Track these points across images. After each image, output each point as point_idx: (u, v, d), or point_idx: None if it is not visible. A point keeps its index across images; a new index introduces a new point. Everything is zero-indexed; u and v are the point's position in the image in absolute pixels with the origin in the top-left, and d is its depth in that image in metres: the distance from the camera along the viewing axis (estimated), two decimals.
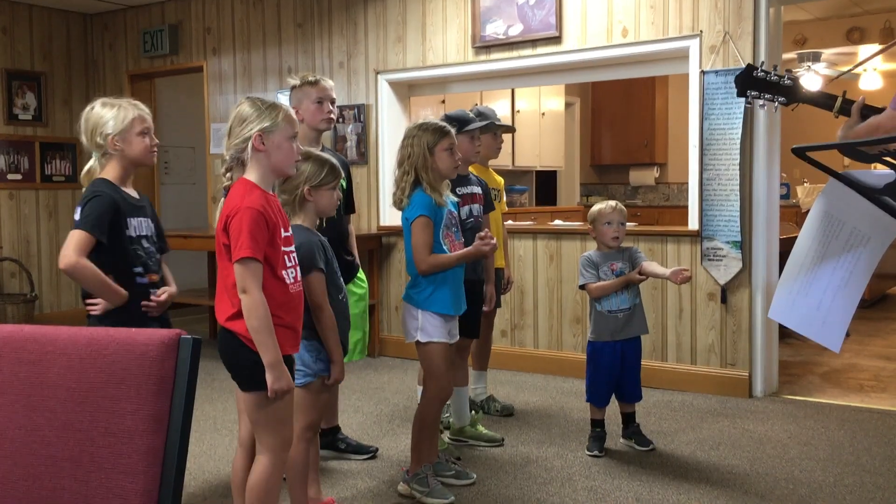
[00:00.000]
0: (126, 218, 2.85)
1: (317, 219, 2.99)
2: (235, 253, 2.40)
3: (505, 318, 5.77)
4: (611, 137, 10.43)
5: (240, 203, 2.42)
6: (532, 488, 3.51)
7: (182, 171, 8.53)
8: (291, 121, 2.55)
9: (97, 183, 2.86)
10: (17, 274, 7.52)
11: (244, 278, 2.39)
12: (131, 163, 2.93)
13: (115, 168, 2.90)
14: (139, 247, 2.89)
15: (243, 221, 2.40)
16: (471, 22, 5.78)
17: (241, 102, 2.56)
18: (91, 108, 2.92)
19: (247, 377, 2.52)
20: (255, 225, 2.40)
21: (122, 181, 2.91)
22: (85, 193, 2.85)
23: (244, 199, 2.43)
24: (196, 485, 3.59)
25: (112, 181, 2.88)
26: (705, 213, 4.96)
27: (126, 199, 2.88)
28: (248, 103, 2.53)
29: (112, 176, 2.89)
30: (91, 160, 2.95)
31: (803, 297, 2.22)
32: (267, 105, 2.53)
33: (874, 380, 5.35)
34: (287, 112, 2.55)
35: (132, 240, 2.87)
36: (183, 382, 1.44)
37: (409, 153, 3.35)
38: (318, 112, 3.72)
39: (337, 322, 2.94)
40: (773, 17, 4.89)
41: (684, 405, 4.77)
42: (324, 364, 2.93)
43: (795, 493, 3.43)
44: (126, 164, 2.91)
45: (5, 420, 1.51)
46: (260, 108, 2.51)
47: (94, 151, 2.91)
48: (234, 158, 2.53)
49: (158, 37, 7.42)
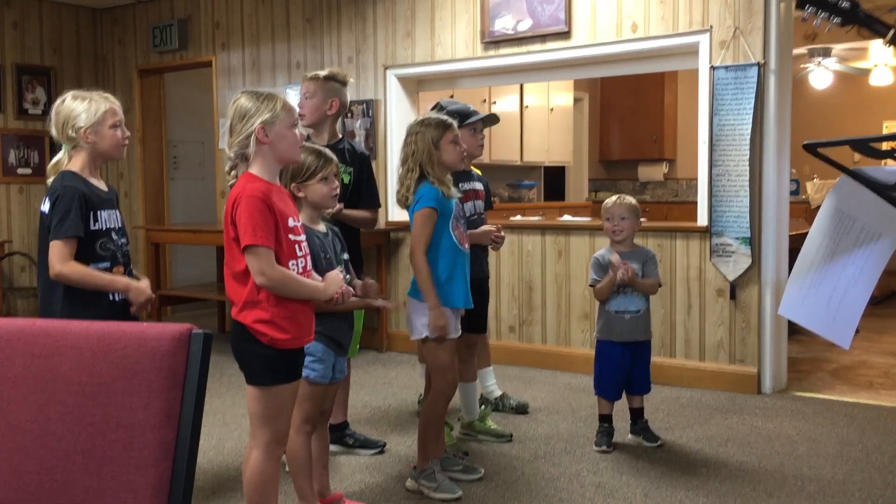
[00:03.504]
0: (96, 211, 2.84)
1: (315, 213, 2.98)
2: (242, 241, 2.42)
3: (513, 314, 5.77)
4: (620, 133, 10.41)
5: (241, 192, 2.44)
6: (540, 483, 3.51)
7: (191, 165, 8.55)
8: (290, 109, 2.55)
9: (65, 176, 2.84)
10: (27, 268, 7.55)
11: (257, 265, 2.41)
12: (101, 155, 2.92)
13: (83, 160, 2.88)
14: (108, 239, 2.88)
15: (244, 210, 2.41)
16: (480, 17, 5.77)
17: (238, 97, 2.55)
18: (62, 100, 2.90)
19: (251, 369, 2.54)
20: (256, 211, 2.41)
21: (91, 173, 2.90)
22: (52, 188, 2.83)
23: (244, 188, 2.45)
24: (205, 479, 3.60)
25: (79, 173, 2.86)
26: (714, 208, 4.95)
27: (94, 192, 2.87)
28: (246, 97, 2.53)
29: (79, 168, 2.87)
30: (60, 153, 2.92)
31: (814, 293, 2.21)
32: (264, 97, 2.52)
33: (884, 376, 5.33)
34: (285, 101, 2.54)
35: (101, 233, 2.86)
36: (194, 377, 1.45)
37: (412, 150, 3.34)
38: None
39: (334, 321, 2.96)
40: (783, 12, 4.86)
41: (693, 401, 4.76)
42: (308, 358, 2.93)
43: (804, 490, 3.42)
44: (95, 157, 2.90)
45: (18, 413, 1.52)
46: (258, 101, 2.50)
47: (65, 144, 2.89)
48: (238, 155, 2.52)
49: (167, 32, 7.44)
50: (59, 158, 2.92)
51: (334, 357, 3.04)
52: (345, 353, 3.14)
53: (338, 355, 3.06)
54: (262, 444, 2.56)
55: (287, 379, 2.57)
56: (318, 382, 2.99)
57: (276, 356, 2.51)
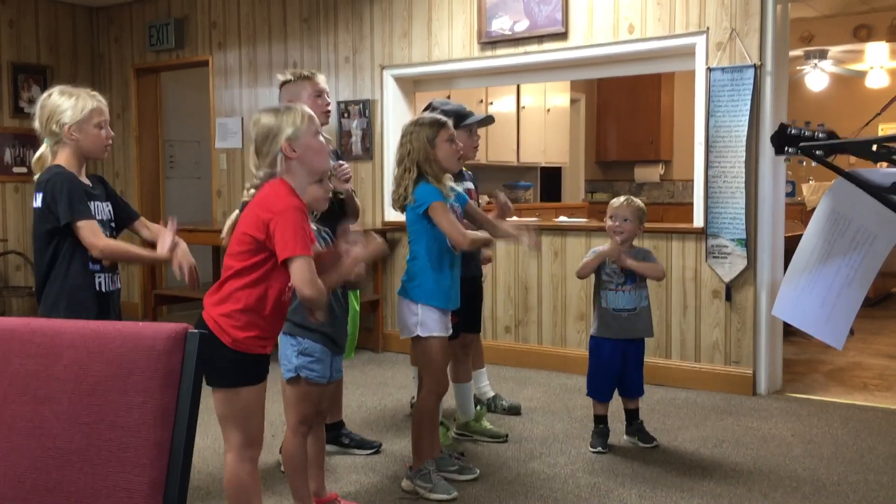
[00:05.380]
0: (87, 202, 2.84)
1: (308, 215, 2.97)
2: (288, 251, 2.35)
3: (509, 315, 5.78)
4: (616, 134, 10.42)
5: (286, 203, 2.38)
6: (535, 484, 3.52)
7: (187, 165, 8.54)
8: (311, 118, 2.52)
9: (52, 168, 2.83)
10: (22, 267, 7.54)
11: (307, 276, 2.35)
12: (83, 154, 2.89)
13: (67, 156, 2.86)
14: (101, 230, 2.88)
15: (291, 220, 2.36)
16: (477, 17, 5.77)
17: (258, 118, 2.52)
18: (48, 95, 2.88)
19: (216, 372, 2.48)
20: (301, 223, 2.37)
21: (75, 170, 2.88)
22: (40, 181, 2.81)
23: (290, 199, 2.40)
24: (200, 478, 3.59)
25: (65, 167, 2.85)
26: (710, 210, 4.96)
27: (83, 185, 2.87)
28: (266, 116, 2.50)
29: (64, 163, 2.86)
30: (42, 147, 2.90)
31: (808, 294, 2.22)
32: (282, 111, 2.50)
33: (878, 378, 5.35)
34: (304, 111, 2.52)
35: None
36: (190, 376, 1.45)
37: (408, 150, 3.33)
38: (315, 106, 3.72)
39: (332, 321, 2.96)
40: (780, 14, 4.87)
41: (688, 402, 4.77)
42: (306, 359, 2.93)
43: (799, 491, 3.43)
44: (78, 155, 2.88)
45: (13, 413, 1.52)
46: (278, 118, 2.48)
47: (48, 139, 2.87)
48: (268, 175, 2.48)
49: (164, 31, 7.43)
50: (43, 153, 2.89)
51: (331, 357, 3.04)
52: (342, 352, 3.14)
53: (334, 354, 3.06)
54: (235, 448, 2.54)
55: (251, 381, 2.51)
56: (317, 382, 2.99)
57: (240, 358, 2.46)
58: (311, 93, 3.70)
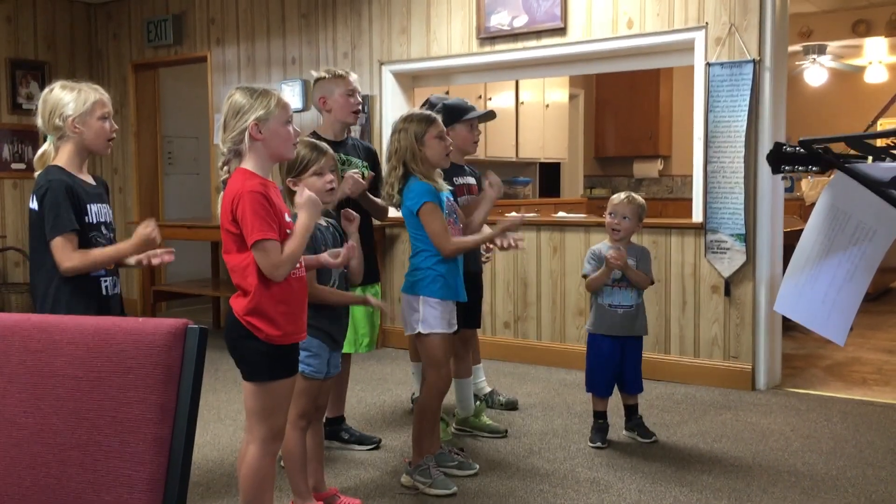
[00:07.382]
0: (85, 204, 2.82)
1: None
2: (248, 238, 2.41)
3: (508, 310, 5.78)
4: (615, 129, 10.41)
5: (241, 188, 2.42)
6: (535, 479, 3.52)
7: (186, 161, 8.53)
8: (285, 105, 2.54)
9: (49, 171, 2.81)
10: (20, 263, 7.53)
11: (268, 260, 2.41)
12: (86, 148, 2.87)
13: (69, 153, 2.84)
14: (98, 233, 2.87)
15: (248, 205, 2.40)
16: (475, 13, 5.77)
17: (233, 93, 2.54)
18: (50, 89, 2.86)
19: (248, 366, 2.54)
20: (259, 206, 2.40)
21: (77, 167, 2.86)
22: (37, 184, 2.80)
23: (244, 184, 2.43)
24: (200, 474, 3.60)
25: (65, 167, 2.83)
26: (709, 205, 4.96)
27: (81, 187, 2.84)
28: (240, 93, 2.52)
29: (65, 162, 2.84)
30: (45, 143, 2.88)
31: (809, 290, 2.22)
32: (259, 93, 2.51)
33: (877, 373, 5.35)
34: (279, 97, 2.53)
35: (91, 226, 2.84)
36: (190, 372, 1.45)
37: (395, 147, 3.33)
38: (347, 105, 3.79)
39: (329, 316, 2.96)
40: (778, 9, 4.87)
41: (687, 397, 4.77)
42: (303, 354, 2.93)
43: (798, 486, 3.43)
44: (81, 150, 2.86)
45: (13, 408, 1.52)
46: (252, 97, 2.49)
47: (51, 134, 2.85)
48: (231, 151, 2.51)
49: (162, 27, 7.42)
50: (45, 150, 2.87)
51: (329, 352, 3.05)
52: (339, 347, 3.14)
53: (332, 350, 3.07)
54: (259, 440, 2.57)
55: (284, 374, 2.57)
56: (313, 377, 3.00)
57: (272, 351, 2.51)
58: (344, 91, 3.77)
